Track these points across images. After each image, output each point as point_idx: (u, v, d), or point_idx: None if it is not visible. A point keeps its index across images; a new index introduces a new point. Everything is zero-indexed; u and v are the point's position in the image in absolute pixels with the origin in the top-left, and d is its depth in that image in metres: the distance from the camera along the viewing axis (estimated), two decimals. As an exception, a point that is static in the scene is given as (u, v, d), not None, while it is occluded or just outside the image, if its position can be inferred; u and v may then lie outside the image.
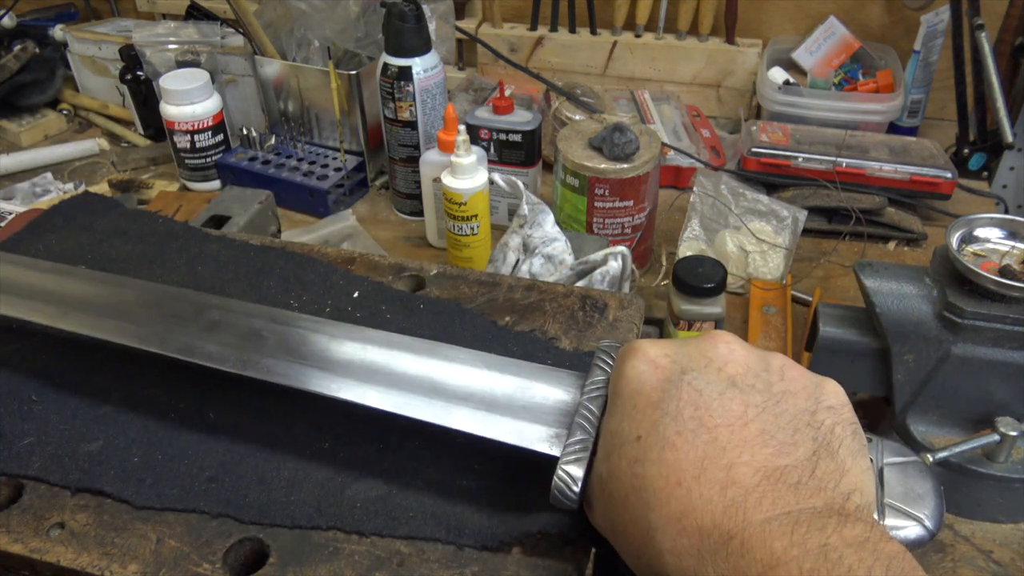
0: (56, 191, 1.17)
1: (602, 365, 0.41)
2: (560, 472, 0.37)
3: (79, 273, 0.52)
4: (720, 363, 0.37)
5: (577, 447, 0.38)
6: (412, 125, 1.04)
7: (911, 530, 0.38)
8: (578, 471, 0.37)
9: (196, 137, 1.14)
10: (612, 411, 0.38)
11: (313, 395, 0.49)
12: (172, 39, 1.23)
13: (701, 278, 0.80)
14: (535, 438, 0.40)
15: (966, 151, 1.17)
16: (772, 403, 0.35)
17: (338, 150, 1.15)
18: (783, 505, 0.31)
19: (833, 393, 0.37)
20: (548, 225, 0.81)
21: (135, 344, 0.47)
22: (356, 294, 0.57)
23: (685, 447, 0.33)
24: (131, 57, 1.24)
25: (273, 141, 1.17)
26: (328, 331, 0.47)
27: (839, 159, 1.05)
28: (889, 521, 0.38)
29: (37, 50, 1.35)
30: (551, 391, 0.42)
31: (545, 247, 0.79)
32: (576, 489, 0.37)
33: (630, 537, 0.35)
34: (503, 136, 1.04)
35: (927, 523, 0.38)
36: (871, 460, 0.36)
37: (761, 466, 0.32)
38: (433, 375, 0.44)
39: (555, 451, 0.39)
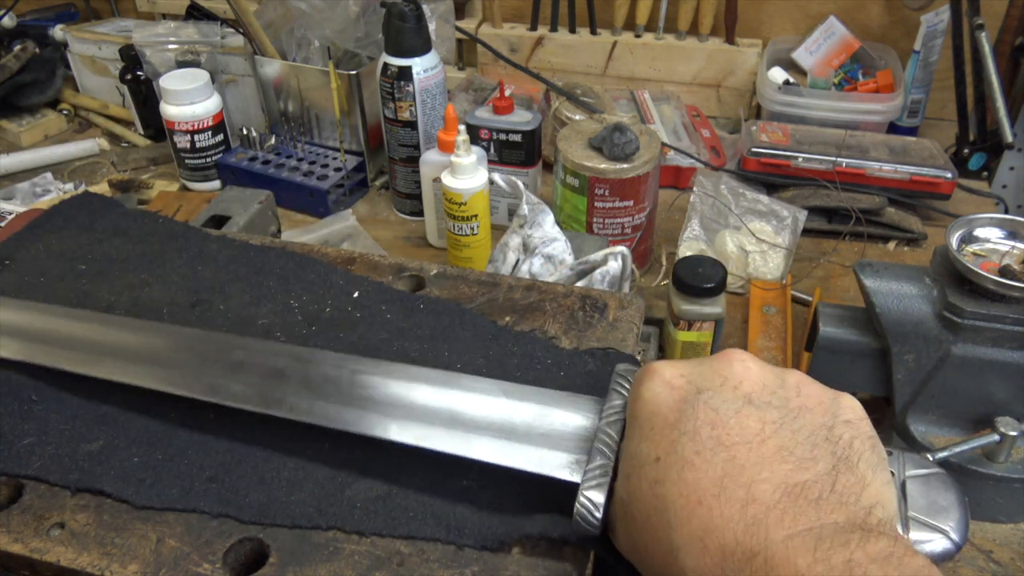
0: (56, 191, 1.17)
1: (619, 389, 0.42)
2: (582, 498, 0.38)
3: (108, 320, 0.53)
4: (735, 381, 0.37)
5: (597, 472, 0.38)
6: (412, 125, 1.04)
7: (937, 543, 0.37)
8: (599, 496, 0.38)
9: (196, 137, 1.14)
10: (631, 434, 0.38)
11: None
12: (172, 39, 1.23)
13: (701, 278, 0.80)
14: (555, 465, 0.41)
15: (966, 151, 1.17)
16: (789, 419, 0.35)
17: (338, 150, 1.15)
18: (805, 521, 0.31)
19: (850, 407, 0.36)
20: (548, 225, 0.81)
21: (164, 388, 0.48)
22: (356, 294, 0.57)
23: (704, 466, 0.33)
24: (131, 57, 1.24)
25: (273, 141, 1.17)
26: (349, 366, 0.48)
27: (839, 159, 1.05)
28: (914, 535, 0.37)
29: (37, 50, 1.35)
30: (569, 417, 0.43)
31: (545, 247, 0.79)
32: (598, 515, 0.37)
33: (653, 558, 0.35)
34: (503, 136, 1.04)
35: (952, 535, 0.37)
36: (892, 473, 0.36)
37: (781, 482, 0.32)
38: (452, 405, 0.44)
39: (576, 477, 0.40)
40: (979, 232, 0.72)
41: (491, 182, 0.91)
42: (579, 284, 0.74)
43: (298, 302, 0.57)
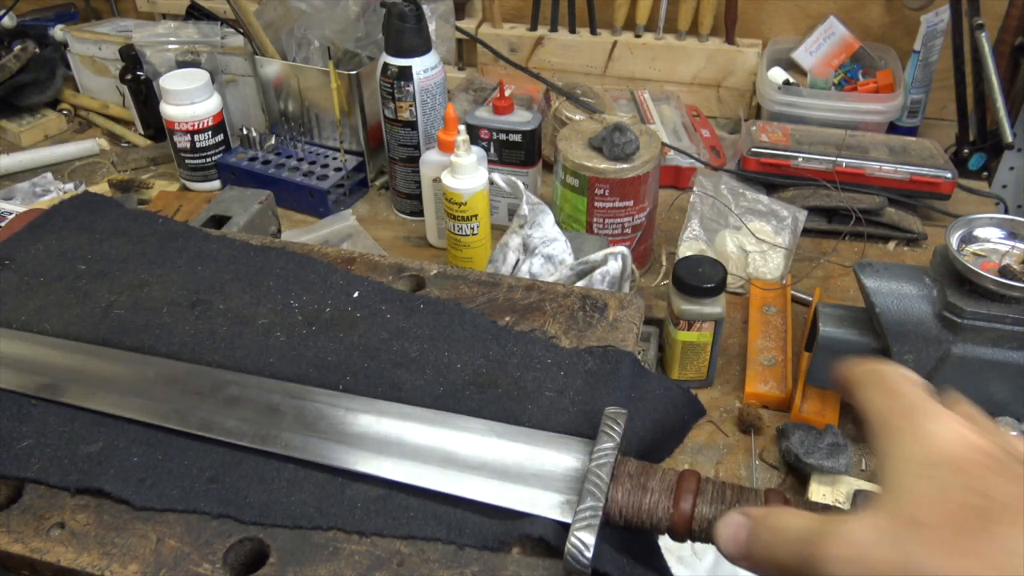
0: (56, 191, 1.17)
1: (609, 432, 0.42)
2: (573, 539, 0.38)
3: (102, 352, 0.53)
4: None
5: (588, 513, 0.39)
6: (412, 125, 1.04)
7: None
8: (590, 538, 0.38)
9: (196, 137, 1.14)
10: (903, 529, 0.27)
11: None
12: (172, 39, 1.23)
13: (701, 278, 0.80)
14: (546, 505, 0.41)
15: (966, 151, 1.17)
16: None
17: (338, 150, 1.15)
18: None
19: None
20: (548, 225, 0.81)
21: (158, 422, 0.48)
22: (356, 294, 0.57)
23: None
24: (131, 57, 1.24)
25: (273, 141, 1.17)
26: (343, 404, 0.48)
27: (839, 159, 1.05)
28: None
29: (37, 50, 1.35)
30: (560, 458, 0.43)
31: (545, 247, 0.79)
32: (588, 555, 0.38)
33: None
34: (503, 136, 1.04)
35: None
36: None
37: None
38: (445, 445, 0.45)
39: (567, 518, 0.40)
40: (979, 232, 0.72)
41: (491, 182, 0.91)
42: (579, 284, 0.74)
43: (298, 302, 0.57)
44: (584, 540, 0.38)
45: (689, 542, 0.40)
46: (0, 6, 1.40)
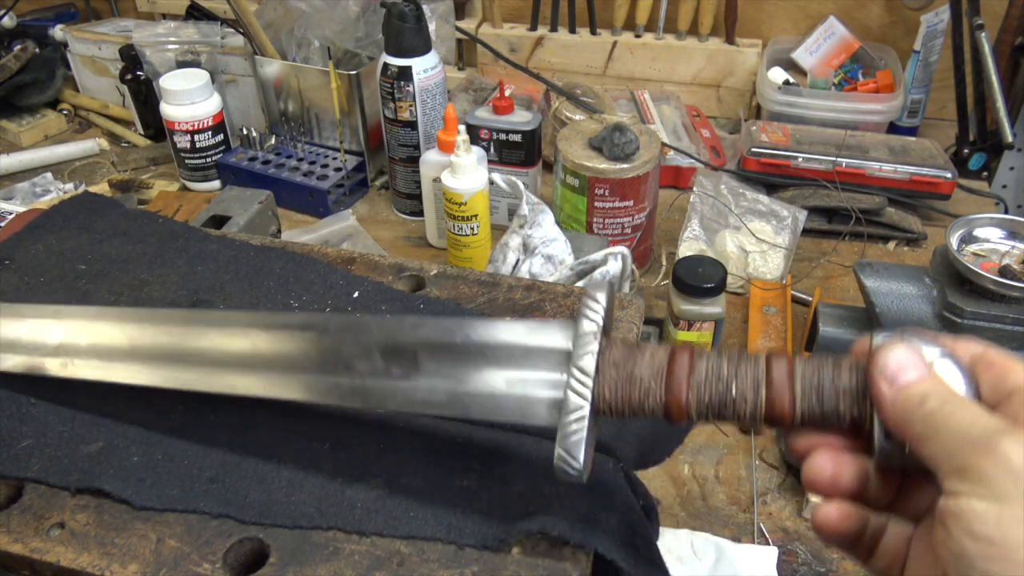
0: (56, 191, 1.17)
1: (589, 314, 0.37)
2: (560, 451, 0.36)
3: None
4: None
5: (574, 417, 0.36)
6: (412, 125, 1.04)
7: None
8: (579, 446, 0.35)
9: (196, 137, 1.14)
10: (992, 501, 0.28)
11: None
12: (172, 39, 1.23)
13: (701, 278, 0.80)
14: (532, 413, 0.38)
15: (966, 151, 1.17)
16: None
17: (338, 150, 1.15)
18: None
19: None
20: (548, 225, 0.81)
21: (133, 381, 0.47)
22: (356, 294, 0.57)
23: None
24: (131, 57, 1.24)
25: (273, 141, 1.17)
26: (232, 321, 0.47)
27: (839, 159, 1.05)
28: None
29: (37, 50, 1.35)
30: (547, 339, 0.39)
31: (545, 247, 0.79)
32: (579, 465, 0.35)
33: None
34: (503, 136, 1.04)
35: None
36: None
37: None
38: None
39: (553, 421, 0.37)
40: (979, 232, 0.72)
41: (491, 182, 0.91)
42: (579, 284, 0.74)
43: (298, 302, 0.57)
44: (571, 450, 0.35)
45: (690, 543, 0.40)
46: (0, 6, 1.40)
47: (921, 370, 0.33)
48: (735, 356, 0.36)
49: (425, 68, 1.00)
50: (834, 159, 1.05)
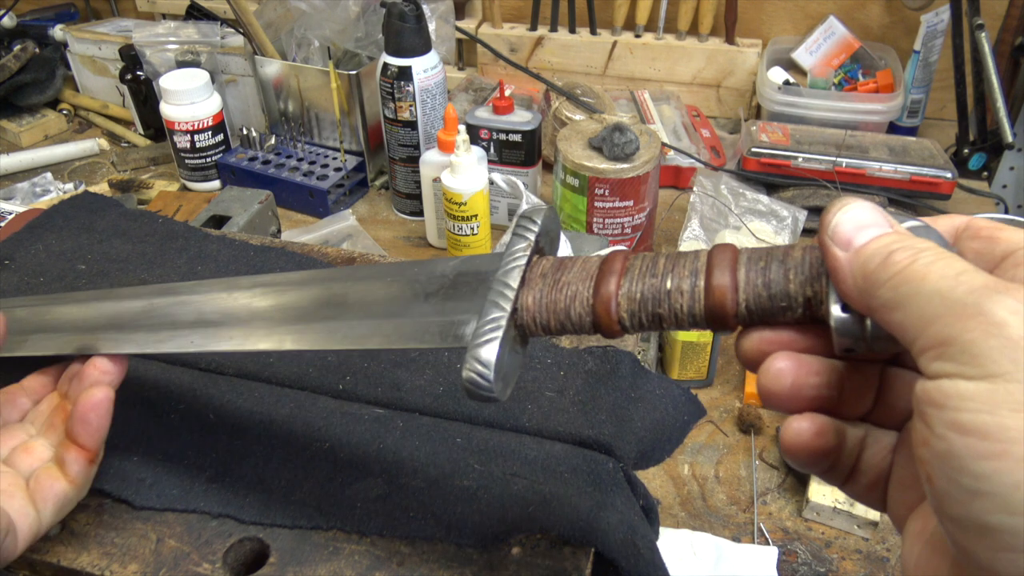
0: (56, 191, 1.17)
1: (522, 232, 0.35)
2: (468, 361, 0.31)
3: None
4: None
5: (488, 327, 0.32)
6: (412, 125, 1.04)
7: None
8: (489, 353, 0.31)
9: (196, 137, 1.14)
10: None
11: (314, 395, 0.49)
12: (172, 39, 1.23)
13: (701, 278, 0.80)
14: (453, 335, 0.35)
15: (966, 151, 1.17)
16: None
17: (338, 150, 1.15)
18: None
19: None
20: (548, 225, 0.81)
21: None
22: (356, 294, 0.57)
23: None
24: (131, 57, 1.24)
25: (273, 141, 1.17)
26: (203, 290, 0.45)
27: (839, 159, 1.05)
28: None
29: (37, 50, 1.35)
30: (482, 263, 0.37)
31: (545, 247, 0.79)
32: (489, 375, 0.31)
33: None
34: (503, 136, 1.04)
35: None
36: None
37: None
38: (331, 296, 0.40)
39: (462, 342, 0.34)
40: (979, 232, 0.72)
41: (491, 182, 0.91)
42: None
43: (298, 302, 0.57)
44: (481, 358, 0.31)
45: (690, 543, 0.39)
46: (0, 6, 1.40)
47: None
48: (674, 254, 0.32)
49: (425, 68, 1.00)
50: (834, 159, 1.05)
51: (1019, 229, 0.26)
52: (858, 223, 0.26)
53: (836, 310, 0.27)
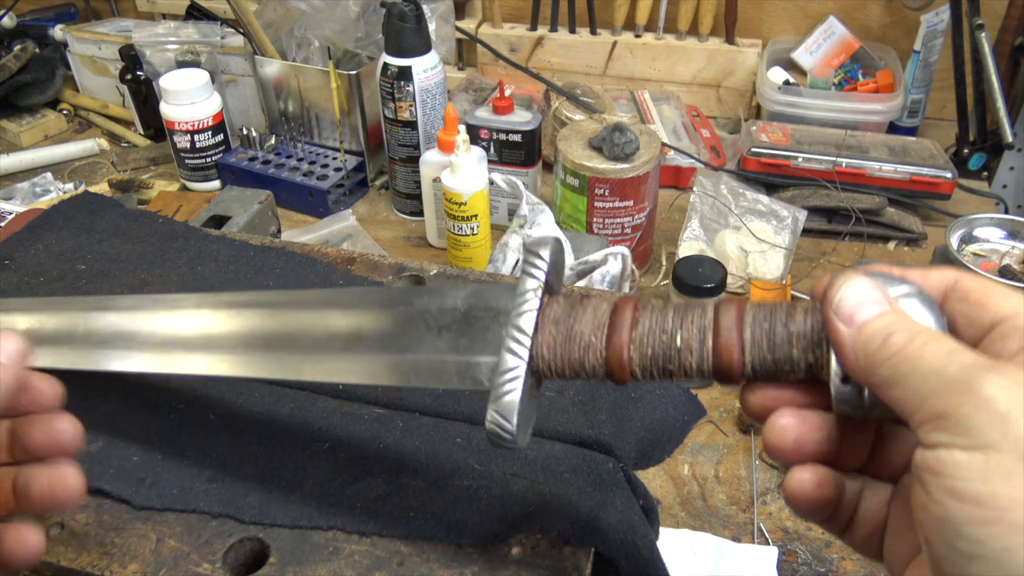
0: (56, 191, 1.17)
1: (532, 270, 0.35)
2: (491, 413, 0.33)
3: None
4: None
5: (507, 377, 0.33)
6: (412, 125, 1.04)
7: None
8: (512, 405, 0.33)
9: (196, 137, 1.14)
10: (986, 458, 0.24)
11: (314, 395, 0.49)
12: (172, 39, 1.23)
13: (701, 278, 0.80)
14: (470, 376, 0.36)
15: (966, 151, 1.17)
16: None
17: (338, 150, 1.15)
18: None
19: None
20: (548, 225, 0.81)
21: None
22: (356, 294, 0.57)
23: None
24: (131, 57, 1.24)
25: (273, 141, 1.17)
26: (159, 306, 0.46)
27: (839, 159, 1.05)
28: None
29: (37, 50, 1.35)
30: (492, 299, 0.37)
31: (545, 247, 0.79)
32: (512, 427, 0.33)
33: None
34: (503, 136, 1.04)
35: None
36: None
37: None
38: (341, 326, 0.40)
39: (486, 385, 0.35)
40: (979, 232, 0.72)
41: (491, 182, 0.91)
42: (579, 284, 0.74)
43: (298, 302, 0.57)
44: (503, 412, 0.33)
45: (690, 543, 0.39)
46: (0, 6, 1.40)
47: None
48: (682, 307, 0.33)
49: (425, 68, 1.00)
50: (834, 159, 1.05)
51: (1007, 291, 0.28)
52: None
53: (837, 381, 0.29)
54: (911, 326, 0.27)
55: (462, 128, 0.92)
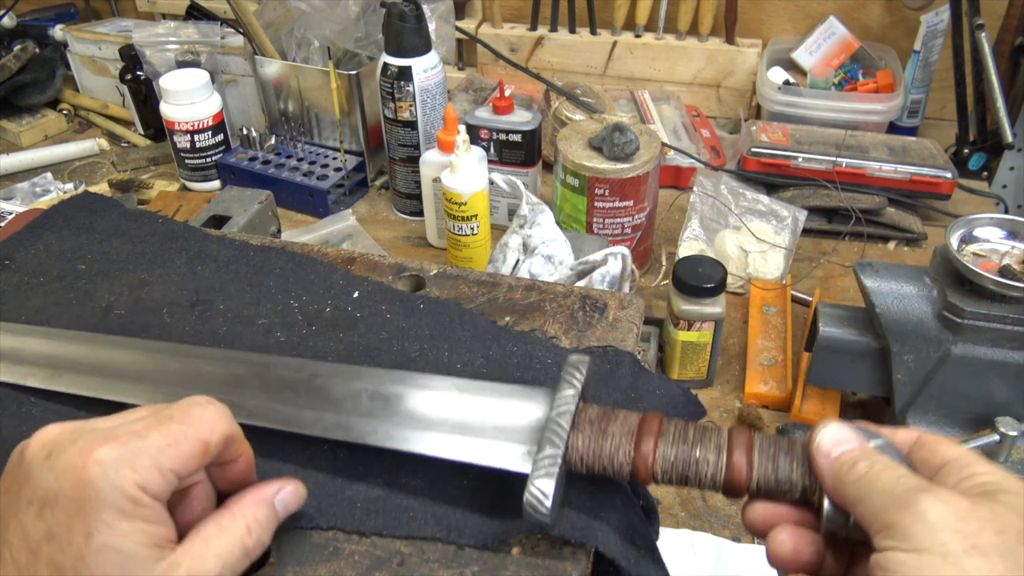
0: (56, 191, 1.17)
1: (571, 380, 0.41)
2: (531, 488, 0.37)
3: (74, 336, 0.53)
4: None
5: (547, 462, 0.38)
6: (412, 125, 1.04)
7: None
8: (548, 486, 0.37)
9: (196, 137, 1.14)
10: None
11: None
12: (172, 39, 1.23)
13: (701, 278, 0.80)
14: (508, 457, 0.41)
15: (966, 151, 1.17)
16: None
17: (338, 150, 1.15)
18: None
19: None
20: (548, 225, 0.81)
21: (128, 399, 0.47)
22: (356, 294, 0.57)
23: None
24: (131, 57, 1.24)
25: (273, 141, 1.17)
26: (307, 370, 0.47)
27: (839, 159, 1.05)
28: None
29: (37, 50, 1.35)
30: (524, 409, 0.43)
31: (545, 247, 0.79)
32: (547, 504, 0.37)
33: None
34: (503, 136, 1.04)
35: None
36: None
37: None
38: (404, 402, 0.44)
39: (526, 468, 0.39)
40: (979, 232, 0.72)
41: (491, 182, 0.91)
42: (579, 284, 0.74)
43: (298, 302, 0.57)
44: (543, 489, 0.37)
45: (690, 543, 0.40)
46: (0, 6, 1.40)
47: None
48: (700, 426, 0.40)
49: (425, 68, 1.00)
50: (834, 159, 1.05)
51: (955, 443, 0.36)
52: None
53: (827, 504, 0.36)
54: (873, 456, 0.35)
55: (462, 128, 0.92)
